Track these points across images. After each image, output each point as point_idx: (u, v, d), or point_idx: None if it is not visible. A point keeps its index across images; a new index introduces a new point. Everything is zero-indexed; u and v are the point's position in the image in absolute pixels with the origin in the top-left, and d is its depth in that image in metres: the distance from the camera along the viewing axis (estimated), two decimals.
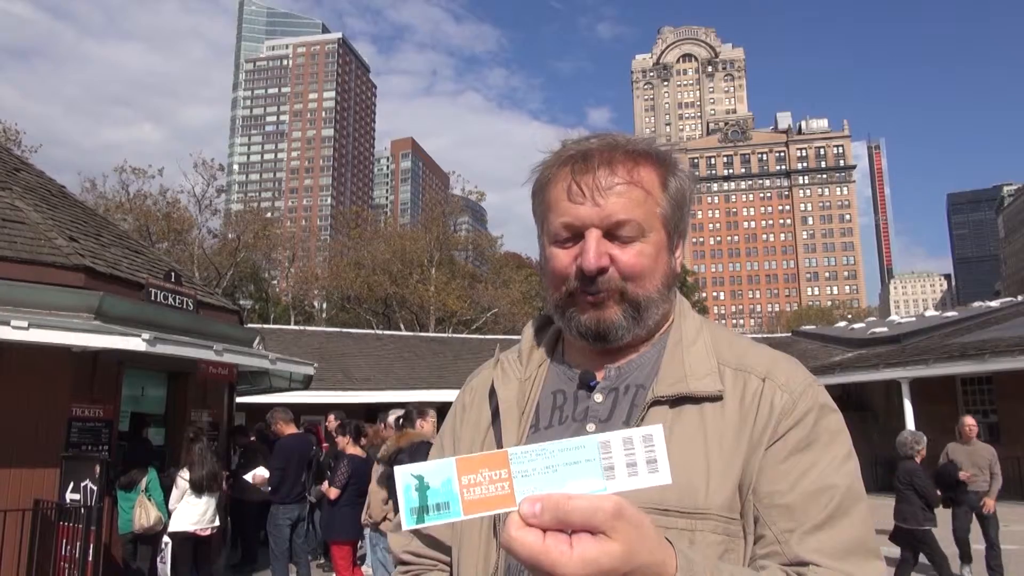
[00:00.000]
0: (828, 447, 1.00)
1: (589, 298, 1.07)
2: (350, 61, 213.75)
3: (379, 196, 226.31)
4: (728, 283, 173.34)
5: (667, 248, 1.11)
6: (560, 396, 1.13)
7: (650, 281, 1.08)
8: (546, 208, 1.12)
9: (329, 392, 19.59)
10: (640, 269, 1.07)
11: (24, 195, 8.65)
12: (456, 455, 1.16)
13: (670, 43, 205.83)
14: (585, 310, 1.08)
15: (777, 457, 0.99)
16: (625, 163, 1.08)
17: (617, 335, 1.08)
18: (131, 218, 36.88)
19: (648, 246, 1.07)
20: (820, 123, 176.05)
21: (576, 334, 1.10)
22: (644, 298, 1.07)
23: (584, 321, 1.08)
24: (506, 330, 40.11)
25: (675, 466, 0.97)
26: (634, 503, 0.95)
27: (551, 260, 1.10)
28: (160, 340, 7.15)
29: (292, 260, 53.79)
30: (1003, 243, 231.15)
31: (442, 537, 1.15)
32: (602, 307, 1.07)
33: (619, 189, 1.06)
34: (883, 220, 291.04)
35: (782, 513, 0.96)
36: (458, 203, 50.98)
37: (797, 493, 0.96)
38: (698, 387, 1.03)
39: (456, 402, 1.26)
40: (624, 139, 1.11)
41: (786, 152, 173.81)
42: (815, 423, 1.02)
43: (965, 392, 19.06)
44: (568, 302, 1.09)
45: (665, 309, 1.12)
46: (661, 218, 1.09)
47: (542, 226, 1.14)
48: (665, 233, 1.10)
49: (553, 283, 1.11)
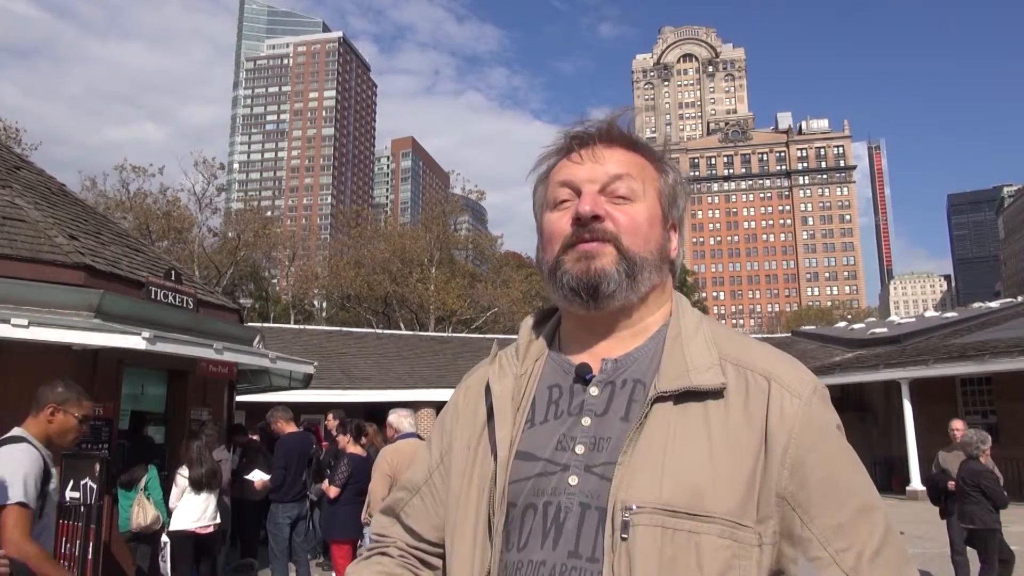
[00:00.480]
0: (853, 458, 1.03)
1: (582, 246, 1.07)
2: (351, 60, 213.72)
3: (379, 195, 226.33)
4: (728, 283, 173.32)
5: (661, 223, 1.13)
6: (556, 390, 1.11)
7: (644, 241, 1.09)
8: (546, 188, 1.16)
9: (329, 391, 19.59)
10: (634, 224, 1.09)
11: (24, 193, 8.65)
12: (445, 453, 1.19)
13: (671, 43, 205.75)
14: (577, 261, 1.07)
15: (813, 472, 0.98)
16: (623, 142, 1.14)
17: (609, 288, 1.06)
18: (131, 216, 36.90)
19: (642, 208, 1.10)
20: (820, 123, 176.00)
21: (568, 290, 1.07)
22: (638, 255, 1.07)
23: (575, 272, 1.07)
24: (506, 329, 40.11)
25: (681, 467, 0.97)
26: (642, 502, 0.96)
27: (549, 224, 1.12)
28: (160, 338, 7.14)
29: (292, 259, 53.78)
30: (1003, 244, 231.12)
31: (423, 531, 1.17)
32: (593, 257, 1.06)
33: (617, 156, 1.12)
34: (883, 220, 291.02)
35: (835, 532, 0.97)
36: (458, 202, 51.01)
37: (845, 512, 0.98)
38: (701, 381, 1.02)
39: (449, 402, 1.25)
40: (624, 129, 1.15)
41: (786, 152, 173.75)
42: (833, 432, 1.03)
43: (965, 393, 19.07)
44: (561, 259, 1.09)
45: (657, 281, 1.11)
46: (657, 192, 1.13)
47: (542, 207, 1.16)
48: (659, 208, 1.13)
49: (548, 243, 1.12)
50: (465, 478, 1.11)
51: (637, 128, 1.17)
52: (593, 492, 1.00)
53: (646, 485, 0.96)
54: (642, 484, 0.96)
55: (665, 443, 0.99)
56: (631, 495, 0.96)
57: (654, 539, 0.94)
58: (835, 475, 0.99)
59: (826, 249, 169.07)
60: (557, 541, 1.00)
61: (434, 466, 1.20)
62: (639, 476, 0.97)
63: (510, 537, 1.04)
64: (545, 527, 1.01)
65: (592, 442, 1.03)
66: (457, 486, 1.11)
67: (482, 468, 1.09)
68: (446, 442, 1.19)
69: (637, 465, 0.98)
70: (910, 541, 10.67)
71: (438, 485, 1.18)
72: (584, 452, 1.03)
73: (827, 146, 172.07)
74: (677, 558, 0.93)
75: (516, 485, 1.04)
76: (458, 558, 1.06)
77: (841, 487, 0.99)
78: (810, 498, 0.97)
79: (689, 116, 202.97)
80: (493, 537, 1.04)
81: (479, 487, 1.08)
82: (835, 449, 1.01)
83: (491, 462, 1.08)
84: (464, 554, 1.06)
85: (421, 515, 1.18)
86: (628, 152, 1.13)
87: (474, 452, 1.12)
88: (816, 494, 0.98)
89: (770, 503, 0.97)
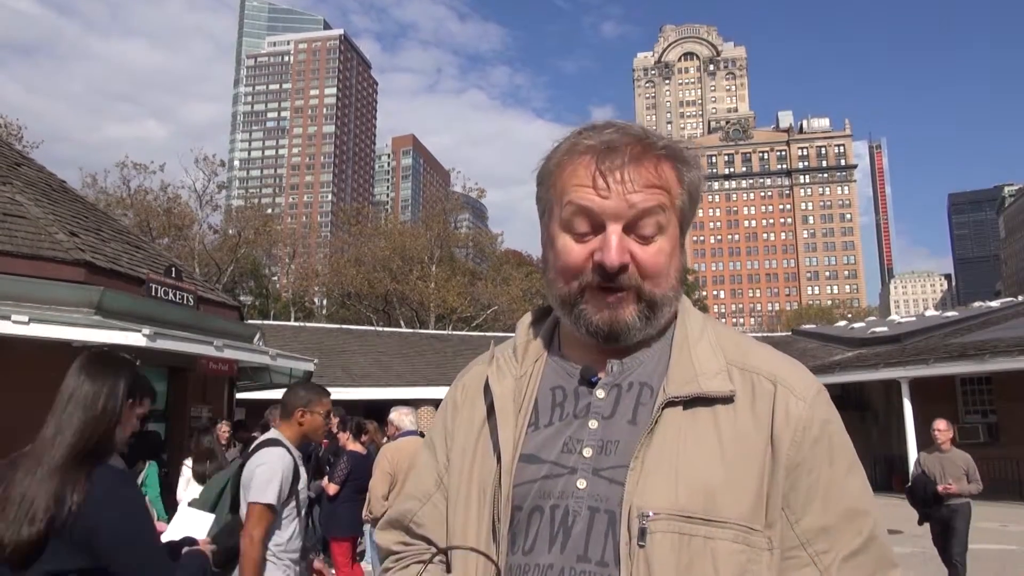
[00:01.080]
0: (851, 462, 1.04)
1: (609, 298, 1.04)
2: (351, 58, 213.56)
3: (380, 193, 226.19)
4: (728, 282, 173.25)
5: (680, 244, 1.09)
6: (560, 392, 1.10)
7: (666, 280, 1.06)
8: (560, 194, 1.07)
9: (329, 388, 19.53)
10: (659, 268, 1.05)
11: (25, 190, 8.65)
12: (449, 453, 1.16)
13: (672, 41, 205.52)
14: (600, 309, 1.04)
15: (807, 474, 0.99)
16: (651, 159, 1.05)
17: (629, 336, 1.05)
18: (132, 213, 36.86)
19: (666, 244, 1.06)
20: (821, 122, 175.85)
21: (585, 332, 1.06)
22: (660, 297, 1.05)
23: (597, 321, 1.05)
24: (506, 327, 40.08)
25: (694, 472, 0.97)
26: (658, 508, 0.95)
27: (565, 252, 1.06)
28: (160, 335, 7.15)
29: (292, 256, 53.72)
30: (1004, 243, 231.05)
31: (437, 539, 1.12)
32: (617, 307, 1.04)
33: (645, 185, 1.03)
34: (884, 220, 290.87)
35: (818, 534, 0.98)
36: (458, 200, 50.96)
37: (831, 515, 0.99)
38: (710, 387, 1.01)
39: (447, 399, 1.22)
40: (643, 132, 1.08)
41: (787, 151, 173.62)
42: (833, 435, 1.03)
43: (965, 392, 19.07)
44: (579, 299, 1.06)
45: (675, 308, 1.11)
46: (678, 213, 1.08)
47: (551, 213, 1.10)
48: (679, 229, 1.09)
49: (564, 276, 1.07)
50: (464, 478, 1.09)
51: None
52: (602, 496, 0.99)
53: (661, 491, 0.96)
54: (657, 490, 0.96)
55: (677, 448, 0.98)
56: (646, 501, 0.95)
57: (672, 545, 0.94)
58: (827, 478, 1.00)
59: (826, 248, 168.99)
60: (565, 545, 0.99)
61: (443, 471, 1.16)
62: (653, 481, 0.96)
63: (515, 540, 1.02)
64: (552, 531, 1.00)
65: (600, 445, 1.02)
66: (456, 486, 1.10)
67: (482, 469, 1.07)
68: (449, 444, 1.17)
69: (650, 470, 0.97)
70: (909, 540, 10.66)
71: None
72: (592, 455, 1.02)
73: (828, 145, 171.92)
74: (694, 564, 0.94)
75: (521, 488, 1.03)
76: (462, 561, 1.05)
77: (832, 490, 1.00)
78: (799, 499, 0.99)
79: (690, 115, 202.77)
80: (498, 541, 1.02)
81: (480, 488, 1.06)
82: (831, 452, 1.02)
83: (492, 463, 1.06)
84: (469, 557, 1.04)
85: (437, 523, 1.13)
86: (654, 170, 1.04)
87: (472, 452, 1.10)
88: (805, 496, 0.99)
89: (777, 507, 0.98)
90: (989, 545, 10.52)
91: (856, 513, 1.00)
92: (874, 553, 1.00)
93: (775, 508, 0.97)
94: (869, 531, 1.00)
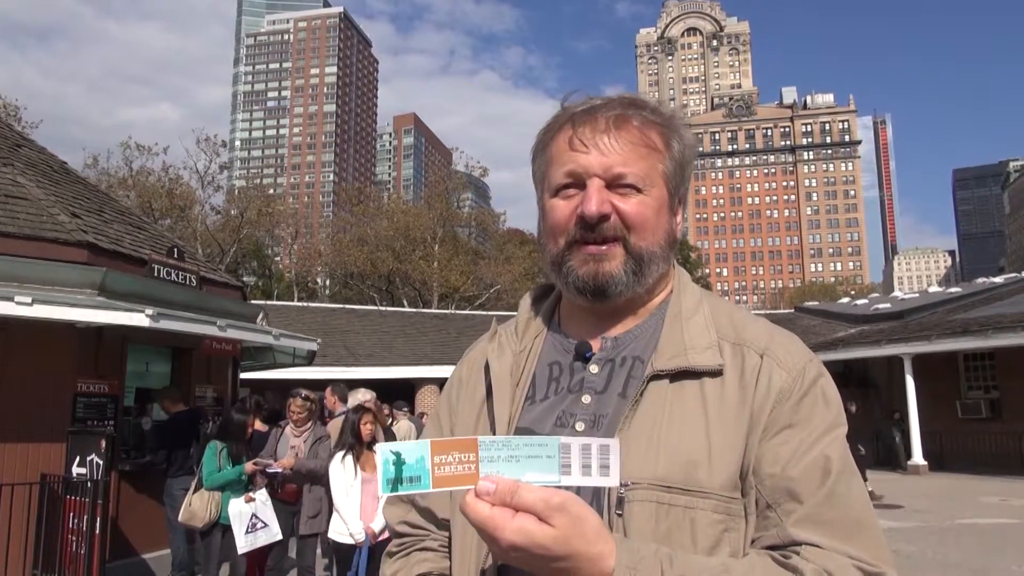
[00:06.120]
0: (821, 420, 0.99)
1: (590, 248, 1.05)
2: (352, 36, 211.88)
3: (381, 172, 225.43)
4: (732, 259, 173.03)
5: (668, 207, 1.09)
6: (556, 367, 1.11)
7: (652, 235, 1.06)
8: (547, 164, 1.10)
9: (332, 368, 19.67)
10: (642, 219, 1.05)
11: (26, 171, 8.63)
12: (453, 428, 1.18)
13: (675, 16, 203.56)
14: (585, 263, 1.05)
15: (777, 438, 0.97)
16: (630, 118, 1.06)
17: (616, 289, 1.06)
18: (134, 194, 36.83)
19: (650, 199, 1.06)
20: (826, 98, 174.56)
21: (573, 289, 1.07)
22: (647, 251, 1.06)
23: (582, 275, 1.05)
24: (509, 306, 40.12)
25: (677, 443, 0.97)
26: (637, 477, 0.95)
27: (550, 211, 1.08)
28: (164, 316, 7.16)
29: (295, 237, 53.68)
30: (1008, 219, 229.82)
31: (438, 510, 1.13)
32: (602, 260, 1.05)
33: (623, 140, 1.05)
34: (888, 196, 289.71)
35: (783, 493, 0.95)
36: (461, 179, 50.79)
37: (797, 472, 0.95)
38: (698, 361, 1.02)
39: (453, 375, 1.24)
40: (634, 99, 1.10)
41: (791, 127, 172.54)
42: (813, 401, 1.01)
43: (968, 368, 19.09)
44: (566, 255, 1.07)
45: (664, 269, 1.11)
46: (663, 175, 1.08)
47: (543, 184, 1.12)
48: (667, 191, 1.09)
49: (552, 234, 1.08)
50: None
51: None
52: None
53: (641, 461, 0.97)
54: (637, 460, 0.96)
55: (660, 420, 0.99)
56: (626, 471, 0.95)
57: (650, 514, 0.95)
58: (801, 449, 0.96)
59: (830, 225, 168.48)
60: None
61: None
62: (633, 451, 0.97)
63: None
64: None
65: (592, 419, 1.04)
66: None
67: None
68: (453, 419, 1.18)
69: (631, 441, 0.98)
70: (910, 515, 10.73)
71: None
72: (584, 429, 1.03)
73: (832, 121, 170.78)
74: (671, 533, 0.94)
75: None
76: (461, 535, 1.06)
77: (802, 457, 0.96)
78: (762, 462, 0.96)
79: (693, 91, 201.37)
80: None
81: None
82: (810, 425, 0.98)
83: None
84: (469, 531, 1.04)
85: (441, 495, 1.10)
86: (636, 130, 1.06)
87: (474, 427, 1.12)
88: (771, 461, 0.96)
89: (749, 474, 0.98)
90: (990, 519, 10.60)
91: (821, 468, 0.95)
92: (843, 509, 0.94)
93: (747, 476, 0.97)
94: (833, 481, 0.95)
